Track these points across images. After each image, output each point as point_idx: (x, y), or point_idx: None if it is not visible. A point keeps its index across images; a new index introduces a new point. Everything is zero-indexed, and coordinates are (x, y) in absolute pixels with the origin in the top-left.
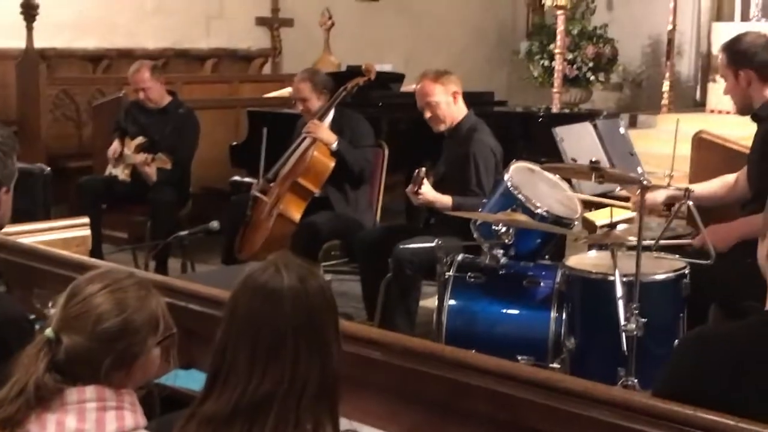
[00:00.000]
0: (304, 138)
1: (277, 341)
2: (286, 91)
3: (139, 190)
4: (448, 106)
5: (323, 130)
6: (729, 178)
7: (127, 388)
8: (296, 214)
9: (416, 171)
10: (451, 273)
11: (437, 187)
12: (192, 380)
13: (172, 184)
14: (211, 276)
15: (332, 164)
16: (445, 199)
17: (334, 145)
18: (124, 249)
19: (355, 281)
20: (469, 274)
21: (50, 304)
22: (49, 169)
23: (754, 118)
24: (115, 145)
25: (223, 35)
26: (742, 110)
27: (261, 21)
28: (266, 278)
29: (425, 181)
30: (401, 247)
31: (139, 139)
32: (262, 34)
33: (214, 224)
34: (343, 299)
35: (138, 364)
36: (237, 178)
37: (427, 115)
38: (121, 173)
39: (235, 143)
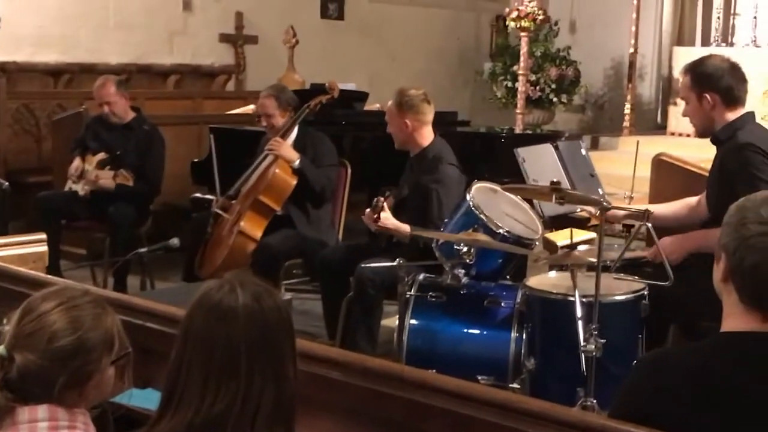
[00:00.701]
0: (267, 155)
1: (231, 360)
2: (249, 108)
3: (99, 206)
4: (401, 131)
5: (285, 148)
6: (691, 200)
7: (81, 408)
8: (257, 232)
9: (376, 199)
10: (412, 292)
11: (398, 208)
12: (147, 400)
13: (133, 201)
14: (170, 293)
15: (294, 182)
16: (404, 229)
17: (296, 163)
18: (82, 265)
19: (316, 300)
20: (430, 293)
21: (4, 321)
22: (7, 183)
23: (714, 141)
24: (77, 162)
25: (187, 51)
26: (702, 133)
27: (225, 38)
28: (221, 297)
29: (386, 208)
30: (363, 266)
31: (101, 155)
32: (225, 51)
33: (175, 241)
34: (304, 318)
35: (92, 383)
36: (198, 195)
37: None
38: (81, 189)
39: (196, 160)
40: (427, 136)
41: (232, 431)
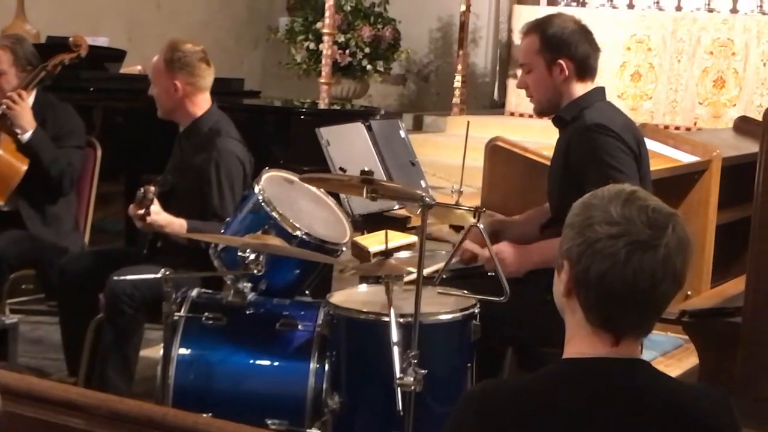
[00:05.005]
0: None
1: None
2: None
3: None
4: (168, 96)
5: (26, 109)
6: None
7: None
8: None
9: (142, 189)
10: (182, 313)
11: (165, 199)
12: None
13: None
14: None
15: (24, 168)
16: (179, 224)
17: (27, 135)
18: None
19: (53, 324)
20: (206, 314)
21: None
22: None
23: (557, 121)
24: None
25: None
26: (546, 110)
27: None
28: None
29: (155, 202)
30: (117, 278)
31: None
32: None
33: None
34: (36, 348)
35: None
36: None
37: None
38: None
39: None
40: (201, 104)
41: None
